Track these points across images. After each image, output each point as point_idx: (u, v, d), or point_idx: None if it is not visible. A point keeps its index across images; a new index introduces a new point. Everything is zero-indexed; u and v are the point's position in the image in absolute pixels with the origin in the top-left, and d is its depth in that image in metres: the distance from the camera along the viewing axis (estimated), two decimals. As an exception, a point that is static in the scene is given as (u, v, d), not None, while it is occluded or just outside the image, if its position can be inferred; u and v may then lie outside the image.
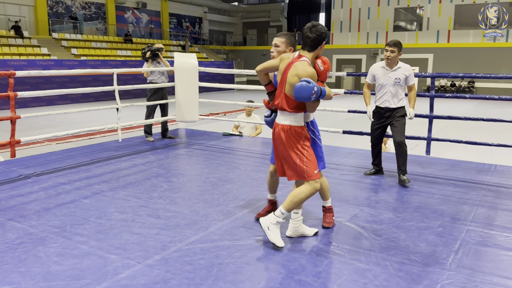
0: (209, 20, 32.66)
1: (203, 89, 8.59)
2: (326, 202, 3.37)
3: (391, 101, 4.57)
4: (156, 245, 3.00)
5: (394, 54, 4.48)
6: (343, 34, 27.84)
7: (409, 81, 4.58)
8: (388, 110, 4.61)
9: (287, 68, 2.90)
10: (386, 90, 4.56)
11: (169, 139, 7.03)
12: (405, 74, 4.53)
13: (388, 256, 2.87)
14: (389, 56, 4.50)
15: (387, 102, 4.59)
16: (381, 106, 4.64)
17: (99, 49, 21.90)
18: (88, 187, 4.34)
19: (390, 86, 4.54)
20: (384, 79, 4.57)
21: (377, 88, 4.66)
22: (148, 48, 6.89)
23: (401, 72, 4.54)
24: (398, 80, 4.51)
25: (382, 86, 4.59)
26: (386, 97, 4.57)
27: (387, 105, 4.59)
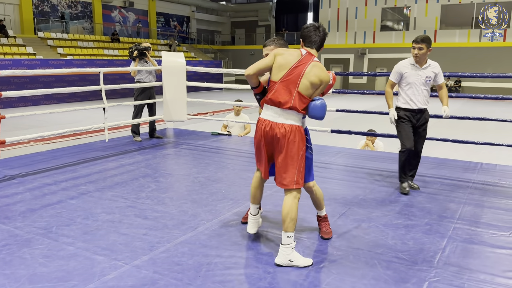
0: (197, 19, 32.53)
1: (191, 88, 8.54)
2: (321, 211, 3.21)
3: (423, 101, 4.23)
4: (143, 245, 2.97)
5: (422, 51, 4.11)
6: (331, 33, 27.96)
7: (439, 79, 4.28)
8: (419, 111, 4.25)
9: (299, 64, 2.74)
10: (417, 90, 4.20)
11: (157, 139, 6.98)
12: (434, 72, 4.23)
13: (376, 254, 2.88)
14: (417, 54, 4.13)
15: (418, 102, 4.22)
16: (411, 108, 4.23)
17: (86, 48, 21.67)
18: (74, 188, 4.29)
19: (421, 85, 4.19)
20: (414, 78, 4.20)
21: (404, 87, 4.28)
22: (135, 47, 6.83)
23: (431, 70, 4.23)
24: (429, 78, 4.19)
25: (411, 85, 4.22)
26: (418, 97, 4.21)
27: (419, 106, 4.22)
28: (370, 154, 6.09)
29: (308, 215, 3.54)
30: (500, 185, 4.56)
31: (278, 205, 3.83)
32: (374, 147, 6.74)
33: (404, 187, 4.22)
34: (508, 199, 4.07)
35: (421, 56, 4.13)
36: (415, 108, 4.22)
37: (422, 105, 4.23)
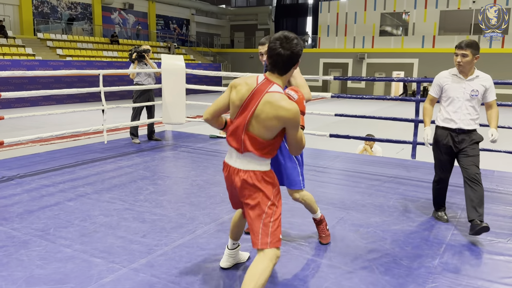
0: (197, 22, 32.58)
1: (190, 91, 8.55)
2: (316, 214, 3.07)
3: (466, 120, 3.43)
4: (141, 248, 2.97)
5: (467, 59, 3.37)
6: (330, 38, 28.03)
7: (489, 96, 3.47)
8: (461, 132, 3.45)
9: (250, 100, 2.08)
10: (460, 106, 3.44)
11: (156, 141, 6.98)
12: (484, 86, 3.44)
13: (374, 259, 2.88)
14: (460, 62, 3.39)
15: (460, 121, 3.43)
16: (450, 127, 3.48)
17: (85, 49, 21.66)
18: (72, 190, 4.28)
19: (464, 100, 3.43)
20: (456, 91, 3.45)
21: (444, 102, 3.54)
22: (134, 49, 6.84)
23: (479, 82, 3.44)
24: (476, 92, 3.41)
25: (453, 100, 3.47)
26: (460, 115, 3.44)
27: (460, 125, 3.43)
28: (369, 159, 6.10)
29: (308, 219, 3.54)
30: (498, 191, 4.57)
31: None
32: (372, 152, 6.75)
33: (440, 216, 3.68)
34: (506, 206, 4.08)
35: (465, 65, 3.39)
36: (455, 127, 3.46)
37: (465, 125, 3.43)
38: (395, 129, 11.43)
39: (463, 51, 3.38)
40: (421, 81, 5.90)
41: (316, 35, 29.58)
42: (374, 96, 6.61)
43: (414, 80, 5.95)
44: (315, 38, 29.56)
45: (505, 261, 2.92)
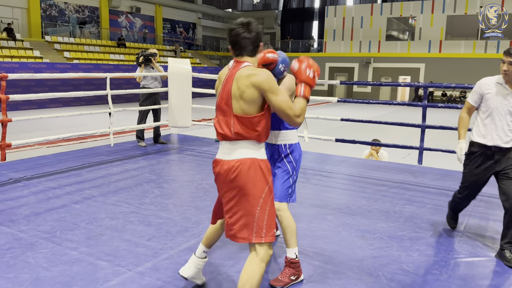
0: (203, 26, 32.71)
1: (196, 94, 8.56)
2: (291, 250, 2.58)
3: (504, 137, 3.04)
4: (147, 252, 2.97)
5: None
6: (336, 42, 28.02)
7: None
8: (498, 150, 3.06)
9: (226, 82, 2.13)
10: (499, 120, 3.04)
11: (161, 144, 7.00)
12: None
13: (381, 266, 2.86)
14: (506, 71, 2.98)
15: (498, 138, 3.04)
16: (486, 143, 3.08)
17: (92, 52, 21.81)
18: (78, 192, 4.30)
19: (506, 114, 3.02)
20: (498, 102, 3.04)
21: (483, 114, 3.13)
22: (141, 53, 6.87)
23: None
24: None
25: (492, 113, 3.06)
26: (498, 130, 3.05)
27: (497, 143, 3.04)
28: (375, 164, 6.08)
29: (313, 224, 3.53)
30: (505, 197, 4.53)
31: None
32: (378, 157, 6.73)
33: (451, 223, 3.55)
34: (514, 212, 4.04)
35: (511, 74, 2.99)
36: (491, 145, 3.06)
37: (503, 143, 3.04)
38: (401, 134, 11.39)
39: (510, 58, 2.96)
40: (428, 86, 5.88)
41: (322, 39, 29.58)
42: (380, 101, 6.59)
43: (421, 85, 5.93)
44: (321, 43, 29.57)
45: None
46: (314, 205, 4.09)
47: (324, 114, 7.12)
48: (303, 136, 6.36)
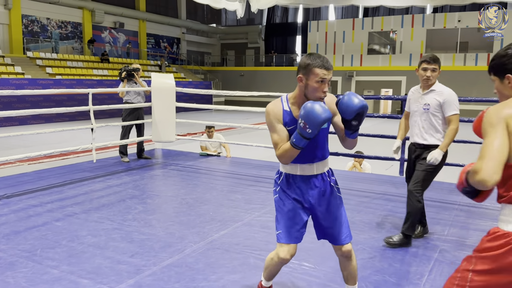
0: (187, 40, 32.80)
1: (181, 109, 8.56)
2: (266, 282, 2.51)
3: (420, 135, 3.50)
4: (129, 269, 2.94)
5: (435, 74, 3.45)
6: (319, 56, 28.37)
7: (446, 110, 3.40)
8: (418, 146, 3.53)
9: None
10: (415, 120, 3.54)
11: (145, 159, 6.96)
12: (438, 100, 3.41)
13: (363, 277, 2.88)
14: (430, 77, 3.43)
15: (416, 136, 3.54)
16: (411, 141, 3.64)
17: (75, 68, 21.66)
18: (60, 210, 4.24)
19: (421, 114, 3.48)
20: (414, 106, 3.56)
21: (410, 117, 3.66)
22: (124, 68, 6.87)
23: (433, 96, 3.43)
24: (427, 106, 3.43)
25: (412, 115, 3.59)
26: (415, 129, 3.55)
27: (415, 139, 3.54)
28: (358, 176, 6.14)
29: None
30: (485, 207, 4.61)
31: (266, 226, 3.83)
32: (361, 169, 6.80)
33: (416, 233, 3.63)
34: (493, 221, 4.12)
35: (433, 79, 3.45)
36: (412, 142, 3.61)
37: (418, 139, 3.51)
38: (384, 146, 11.51)
39: (433, 65, 3.44)
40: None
41: (305, 53, 29.95)
42: (362, 114, 6.69)
43: (401, 98, 6.04)
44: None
45: (492, 277, 2.94)
46: (298, 218, 4.09)
47: (307, 127, 7.18)
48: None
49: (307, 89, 2.14)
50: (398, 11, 25.90)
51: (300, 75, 2.14)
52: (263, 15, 34.23)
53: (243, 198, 4.77)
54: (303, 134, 2.03)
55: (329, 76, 2.10)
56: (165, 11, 31.10)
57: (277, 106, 2.21)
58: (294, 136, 2.08)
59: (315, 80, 2.10)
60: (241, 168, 6.40)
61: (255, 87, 27.96)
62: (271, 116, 2.19)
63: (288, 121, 2.19)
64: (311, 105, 2.01)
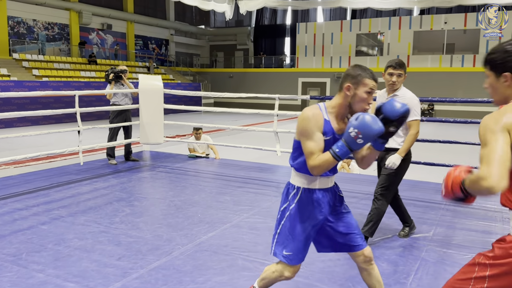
0: (176, 42, 32.68)
1: (170, 110, 8.53)
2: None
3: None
4: (116, 272, 2.92)
5: (401, 79, 3.52)
6: (308, 58, 28.49)
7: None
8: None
9: None
10: None
11: (133, 161, 6.91)
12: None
13: (351, 276, 2.90)
14: (395, 82, 3.51)
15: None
16: None
17: (62, 70, 21.45)
18: (46, 213, 4.19)
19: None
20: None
21: None
22: (111, 70, 6.83)
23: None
24: None
25: None
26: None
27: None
28: (346, 176, 6.17)
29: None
30: (471, 206, 4.67)
31: (254, 228, 3.83)
32: (350, 169, 6.84)
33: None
34: (479, 221, 4.18)
35: (398, 84, 3.54)
36: None
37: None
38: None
39: (399, 71, 3.48)
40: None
41: (294, 55, 30.02)
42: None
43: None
44: (294, 58, 29.99)
45: (477, 276, 2.98)
46: (286, 219, 4.10)
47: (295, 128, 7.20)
48: (275, 150, 6.41)
49: (354, 98, 2.07)
50: (386, 13, 26.16)
51: (349, 84, 2.07)
52: (252, 16, 34.29)
53: (231, 199, 4.77)
54: (350, 145, 1.92)
55: (376, 88, 2.10)
56: (154, 13, 30.97)
57: (318, 113, 2.07)
58: (338, 147, 1.95)
59: (364, 91, 2.07)
60: (229, 170, 6.39)
61: (244, 89, 27.97)
62: (311, 123, 2.03)
63: (327, 131, 2.06)
64: (367, 116, 1.93)
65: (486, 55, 1.67)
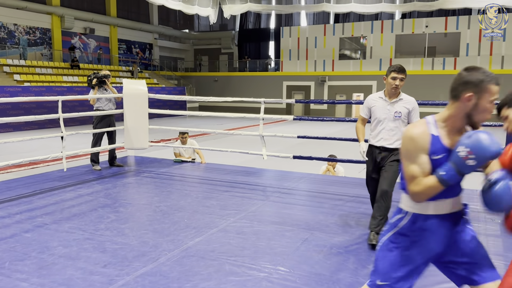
0: (160, 46, 32.54)
1: (154, 115, 8.48)
2: None
3: (389, 139, 3.73)
4: (102, 279, 2.88)
5: (403, 83, 3.67)
6: (292, 61, 28.65)
7: (413, 117, 3.72)
8: (384, 150, 3.75)
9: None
10: (383, 126, 3.75)
11: (117, 167, 6.85)
12: (407, 108, 3.72)
13: (338, 279, 2.92)
14: (398, 86, 3.67)
15: (383, 140, 3.74)
16: (376, 144, 3.79)
17: (44, 75, 21.15)
18: (29, 220, 4.12)
19: (389, 120, 3.72)
20: (381, 113, 3.76)
21: (372, 123, 3.86)
22: (94, 75, 6.76)
23: (402, 105, 3.73)
24: (399, 114, 3.70)
25: (379, 121, 3.78)
26: (383, 134, 3.75)
27: (382, 144, 3.74)
28: (331, 179, 6.22)
29: (272, 242, 3.55)
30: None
31: (241, 232, 3.82)
32: (335, 172, 6.89)
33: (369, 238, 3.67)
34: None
35: (400, 88, 3.71)
36: (379, 145, 3.76)
37: (386, 143, 3.73)
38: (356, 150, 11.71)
39: (402, 75, 3.66)
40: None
41: (278, 59, 30.17)
42: (334, 118, 6.80)
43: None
44: (278, 62, 30.12)
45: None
46: (273, 222, 4.12)
47: (281, 131, 7.24)
48: (261, 154, 6.42)
49: (476, 110, 1.75)
50: (368, 17, 26.46)
51: (471, 93, 1.74)
52: (236, 21, 34.35)
53: (218, 204, 4.76)
54: (459, 167, 1.69)
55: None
56: (137, 17, 30.79)
57: (423, 131, 1.79)
58: (445, 169, 1.72)
59: (489, 100, 1.74)
60: (215, 174, 6.38)
61: (229, 93, 27.96)
62: (416, 144, 1.78)
63: (436, 149, 1.77)
64: (483, 134, 1.67)
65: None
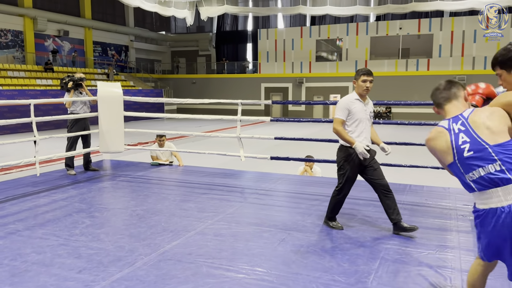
0: (136, 48, 32.18)
1: (131, 118, 8.39)
2: None
3: (368, 138, 3.95)
4: (77, 285, 2.84)
5: (372, 85, 3.87)
6: (270, 63, 28.77)
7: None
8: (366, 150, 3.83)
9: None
10: (364, 126, 3.89)
11: (93, 171, 6.74)
12: (373, 108, 4.07)
13: (315, 278, 2.95)
14: (369, 88, 3.85)
15: (366, 140, 3.89)
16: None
17: (16, 78, 20.65)
18: (1, 227, 4.02)
19: (366, 121, 3.90)
20: (361, 114, 3.87)
21: (351, 124, 3.88)
22: (69, 78, 6.64)
23: (371, 105, 4.04)
24: (372, 114, 3.99)
25: (360, 122, 3.86)
26: (366, 133, 3.90)
27: (367, 143, 3.88)
28: (309, 180, 6.27)
29: (250, 243, 3.57)
30: (427, 205, 4.86)
31: (219, 234, 3.83)
32: (312, 173, 6.95)
33: (336, 225, 4.01)
34: (435, 219, 4.35)
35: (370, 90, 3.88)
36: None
37: (368, 142, 3.91)
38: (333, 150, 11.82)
39: (371, 77, 3.88)
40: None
41: (256, 60, 30.25)
42: (311, 119, 6.87)
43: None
44: (256, 64, 30.21)
45: (435, 272, 3.10)
46: (251, 224, 4.13)
47: (259, 133, 7.26)
48: (239, 155, 6.43)
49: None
50: (344, 19, 26.82)
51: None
52: (213, 23, 34.29)
53: (196, 206, 4.75)
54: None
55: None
56: (112, 19, 30.37)
57: None
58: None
59: None
60: (193, 177, 6.35)
61: (208, 95, 27.88)
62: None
63: None
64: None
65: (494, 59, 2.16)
